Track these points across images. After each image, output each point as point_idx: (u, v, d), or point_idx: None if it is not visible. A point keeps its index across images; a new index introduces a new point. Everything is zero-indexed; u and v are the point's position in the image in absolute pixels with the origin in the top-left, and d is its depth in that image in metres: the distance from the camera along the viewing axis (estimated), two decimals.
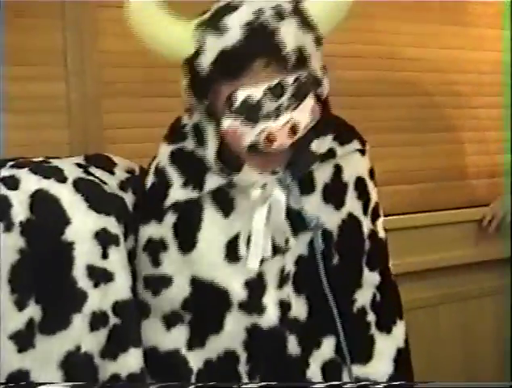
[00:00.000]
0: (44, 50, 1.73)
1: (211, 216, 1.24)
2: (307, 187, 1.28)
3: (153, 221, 1.26)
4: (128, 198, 1.27)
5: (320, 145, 1.25)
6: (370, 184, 1.35)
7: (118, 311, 1.18)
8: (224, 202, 1.24)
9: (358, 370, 1.33)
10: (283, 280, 1.27)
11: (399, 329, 1.38)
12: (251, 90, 1.12)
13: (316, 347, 1.31)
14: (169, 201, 1.24)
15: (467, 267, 2.28)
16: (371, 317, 1.34)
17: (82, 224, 1.16)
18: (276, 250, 1.25)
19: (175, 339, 1.27)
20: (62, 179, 1.18)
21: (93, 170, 1.26)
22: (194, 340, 1.26)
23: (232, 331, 1.25)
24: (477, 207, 2.32)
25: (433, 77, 2.28)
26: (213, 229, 1.24)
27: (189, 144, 1.25)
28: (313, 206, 1.27)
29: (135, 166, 1.35)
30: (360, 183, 1.33)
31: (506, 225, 2.26)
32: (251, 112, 1.12)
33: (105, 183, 1.24)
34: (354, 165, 1.32)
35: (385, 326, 1.36)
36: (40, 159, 1.24)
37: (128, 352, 1.19)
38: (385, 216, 1.37)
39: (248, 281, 1.24)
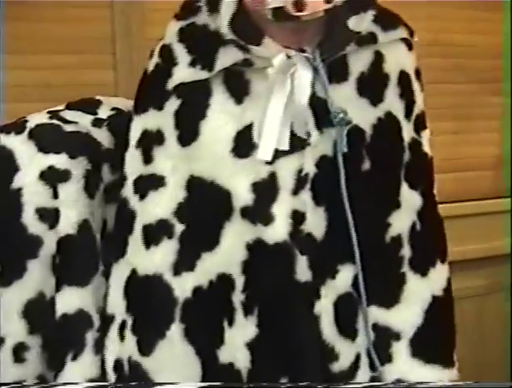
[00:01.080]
0: (92, 39, 1.77)
1: (220, 101, 1.03)
2: (338, 74, 1.05)
3: (152, 109, 1.06)
4: (100, 133, 1.16)
5: (358, 23, 1.04)
6: (416, 84, 1.12)
7: (59, 248, 1.11)
8: (238, 85, 1.03)
9: (378, 314, 1.09)
10: (299, 184, 1.04)
11: (438, 273, 1.12)
12: None
13: (332, 275, 1.06)
14: (172, 83, 1.04)
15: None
16: (405, 251, 1.09)
17: (28, 168, 1.12)
18: (294, 145, 1.03)
19: (158, 260, 1.05)
20: (21, 131, 1.14)
21: (64, 113, 1.20)
22: (182, 261, 1.04)
23: (231, 247, 1.03)
24: None
25: (481, 64, 2.24)
26: (221, 117, 1.03)
27: (201, 18, 1.04)
28: (344, 98, 1.05)
29: (130, 104, 1.18)
30: (405, 79, 1.11)
31: None
32: None
33: (72, 123, 1.17)
34: (398, 56, 1.10)
35: (421, 267, 1.11)
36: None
37: (61, 291, 1.10)
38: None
39: (256, 182, 1.02)
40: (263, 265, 1.03)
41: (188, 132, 1.04)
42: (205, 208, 1.04)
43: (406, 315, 1.09)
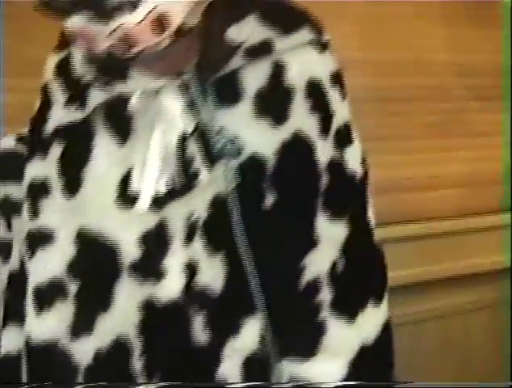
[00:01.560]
0: None
1: (102, 144, 0.90)
2: (229, 95, 0.89)
3: (37, 156, 0.94)
4: None
5: (239, 32, 0.88)
6: (332, 92, 0.93)
7: (9, 283, 1.02)
8: (119, 123, 0.89)
9: (293, 369, 0.92)
10: (191, 232, 0.89)
11: (370, 317, 0.94)
12: None
13: (234, 333, 0.90)
14: (50, 127, 0.92)
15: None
16: (324, 295, 0.91)
17: None
18: (182, 187, 0.89)
19: (53, 323, 0.92)
20: None
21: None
22: (79, 323, 0.91)
23: (124, 307, 0.90)
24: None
25: (460, 81, 2.23)
26: (105, 161, 0.90)
27: (73, 51, 0.92)
28: (238, 122, 0.89)
29: None
30: (315, 89, 0.92)
31: None
32: (98, 3, 0.77)
33: None
34: (305, 62, 0.92)
35: (347, 309, 0.92)
36: None
37: (5, 328, 1.02)
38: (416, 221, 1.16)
39: (144, 234, 0.89)
40: (158, 327, 0.90)
41: (72, 181, 0.91)
42: (95, 265, 0.92)
43: (326, 368, 0.92)
